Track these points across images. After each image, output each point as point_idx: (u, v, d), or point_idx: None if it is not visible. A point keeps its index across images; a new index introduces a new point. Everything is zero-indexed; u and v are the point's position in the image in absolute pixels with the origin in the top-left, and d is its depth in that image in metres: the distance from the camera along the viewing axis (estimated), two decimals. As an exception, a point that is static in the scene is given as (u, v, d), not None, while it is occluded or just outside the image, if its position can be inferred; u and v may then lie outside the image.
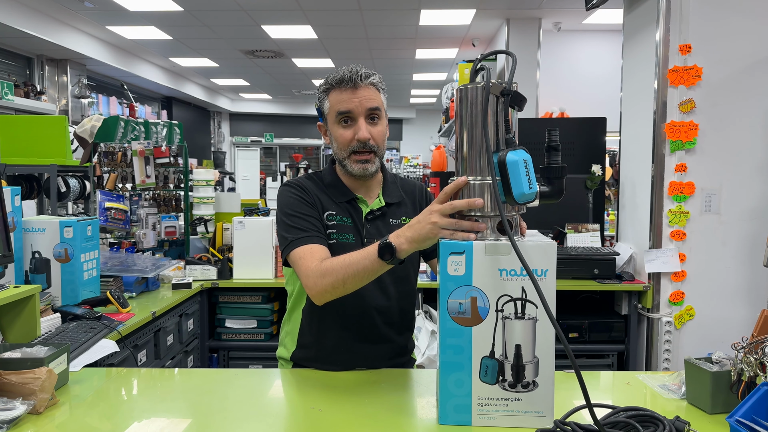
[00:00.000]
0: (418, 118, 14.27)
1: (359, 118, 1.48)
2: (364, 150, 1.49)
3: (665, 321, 2.78)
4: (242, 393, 1.40)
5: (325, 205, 1.54)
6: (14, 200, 2.04)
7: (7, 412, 1.16)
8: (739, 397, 1.19)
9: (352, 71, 1.47)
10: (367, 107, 1.48)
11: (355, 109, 1.47)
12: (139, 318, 2.21)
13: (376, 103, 1.49)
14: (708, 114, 2.73)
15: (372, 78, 1.50)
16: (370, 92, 1.49)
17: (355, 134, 1.47)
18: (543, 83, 5.96)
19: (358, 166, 1.50)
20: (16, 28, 5.72)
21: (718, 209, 2.74)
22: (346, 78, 1.47)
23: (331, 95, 1.50)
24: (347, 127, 1.49)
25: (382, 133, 1.52)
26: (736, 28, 2.70)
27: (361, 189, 1.57)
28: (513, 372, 1.13)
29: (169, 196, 3.53)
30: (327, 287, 1.33)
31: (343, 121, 1.49)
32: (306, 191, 1.53)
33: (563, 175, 1.17)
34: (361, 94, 1.47)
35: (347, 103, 1.47)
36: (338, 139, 1.51)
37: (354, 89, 1.47)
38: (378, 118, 1.51)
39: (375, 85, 1.50)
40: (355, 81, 1.47)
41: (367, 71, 1.49)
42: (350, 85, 1.47)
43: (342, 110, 1.48)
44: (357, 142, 1.48)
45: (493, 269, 1.13)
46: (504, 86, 1.15)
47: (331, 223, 1.52)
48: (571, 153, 3.40)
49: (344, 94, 1.48)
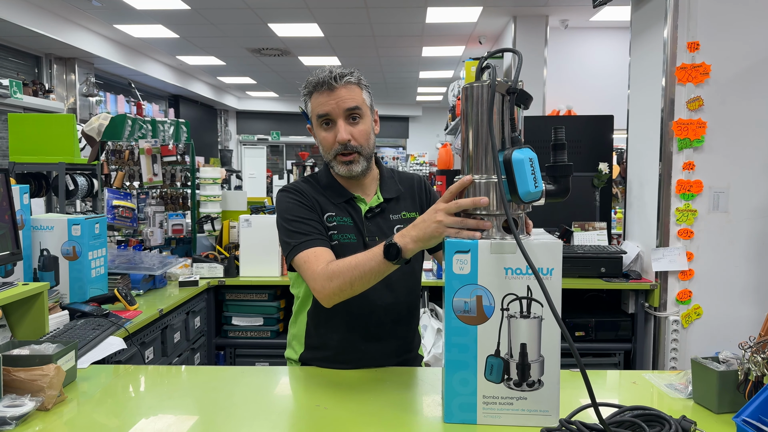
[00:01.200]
0: (425, 116, 14.25)
1: (338, 120, 1.47)
2: (346, 152, 1.48)
3: (672, 320, 2.77)
4: (248, 390, 1.40)
5: (323, 206, 1.53)
6: (23, 198, 2.05)
7: (16, 408, 1.17)
8: (746, 396, 1.18)
9: (326, 73, 1.47)
10: (344, 108, 1.46)
11: (333, 111, 1.47)
12: (147, 315, 2.22)
13: (354, 102, 1.47)
14: (716, 112, 2.71)
15: (348, 77, 1.48)
16: (349, 92, 1.47)
17: (335, 136, 1.47)
18: (550, 81, 5.94)
19: (343, 168, 1.50)
20: (25, 27, 5.76)
21: (726, 207, 2.73)
22: (321, 80, 1.46)
23: (312, 98, 1.50)
24: (328, 130, 1.49)
25: (364, 131, 1.50)
26: (744, 26, 2.68)
27: (357, 188, 1.57)
28: (518, 371, 1.13)
29: (176, 194, 3.54)
30: (335, 290, 1.33)
31: (324, 123, 1.49)
32: (304, 195, 1.53)
33: (569, 174, 1.17)
34: (338, 95, 1.46)
35: (324, 105, 1.47)
36: (322, 142, 1.52)
37: (330, 91, 1.46)
38: (359, 117, 1.49)
39: (355, 83, 1.49)
40: (329, 83, 1.46)
41: (343, 71, 1.48)
42: (325, 88, 1.46)
43: (320, 113, 1.48)
44: (339, 145, 1.48)
45: (498, 268, 1.12)
46: (510, 84, 1.14)
47: (331, 224, 1.52)
48: (578, 151, 3.39)
49: (322, 97, 1.47)
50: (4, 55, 6.52)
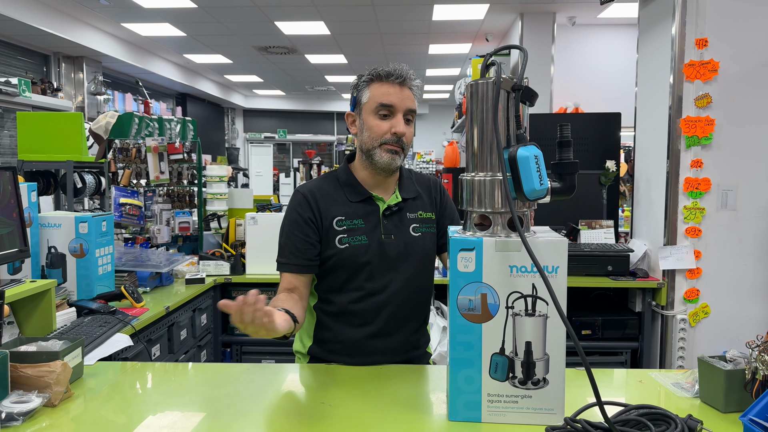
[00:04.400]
0: (431, 114, 14.23)
1: (398, 114, 1.51)
2: (396, 144, 1.52)
3: (680, 318, 2.75)
4: (254, 387, 1.41)
5: (334, 211, 1.55)
6: (31, 196, 2.07)
7: (23, 404, 1.18)
8: (753, 396, 1.17)
9: (402, 69, 1.52)
10: (408, 106, 1.53)
11: (399, 104, 1.51)
12: (153, 313, 2.23)
13: (414, 106, 1.55)
14: (725, 109, 2.69)
15: (416, 81, 1.55)
16: (412, 94, 1.55)
17: (392, 127, 1.51)
18: (557, 78, 5.91)
19: (388, 156, 1.52)
20: (34, 26, 5.80)
21: (735, 206, 2.71)
22: (396, 73, 1.51)
23: (374, 86, 1.53)
24: (385, 119, 1.52)
25: (412, 134, 1.58)
26: (753, 22, 2.65)
27: (377, 187, 1.59)
28: (523, 369, 1.13)
29: (182, 192, 3.55)
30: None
31: (381, 112, 1.52)
32: (308, 206, 1.56)
33: (575, 171, 1.17)
34: (405, 93, 1.53)
35: (392, 96, 1.51)
36: (373, 128, 1.52)
37: (401, 85, 1.52)
38: (412, 121, 1.56)
39: (415, 90, 1.56)
40: (404, 78, 1.52)
41: (413, 74, 1.54)
42: (398, 81, 1.51)
43: (385, 102, 1.51)
44: (392, 135, 1.51)
45: (503, 266, 1.12)
46: (515, 81, 1.14)
47: (341, 228, 1.54)
48: (585, 149, 3.38)
49: (391, 88, 1.51)
50: (13, 53, 6.56)
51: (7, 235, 1.71)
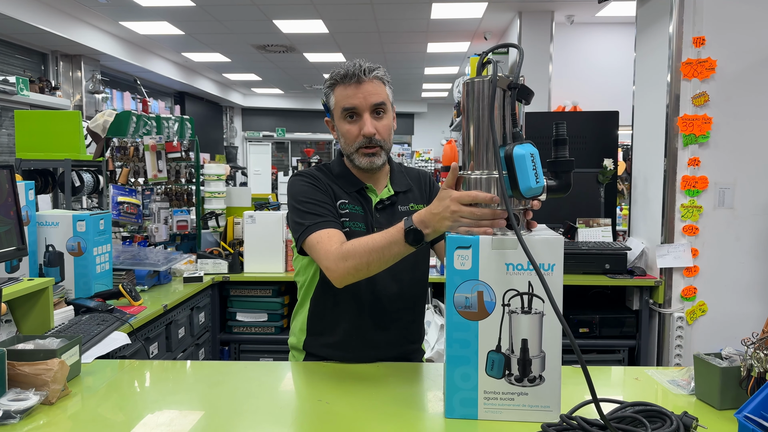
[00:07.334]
0: (430, 113, 14.22)
1: (364, 114, 1.47)
2: (370, 145, 1.49)
3: (677, 316, 2.76)
4: (252, 385, 1.41)
5: (337, 194, 1.55)
6: (28, 194, 2.07)
7: (21, 402, 1.18)
8: (748, 392, 1.18)
9: (355, 66, 1.46)
10: (371, 102, 1.47)
11: (360, 104, 1.47)
12: (151, 311, 2.23)
13: (380, 97, 1.48)
14: (722, 107, 2.69)
15: (376, 72, 1.48)
16: (375, 86, 1.48)
17: (361, 130, 1.48)
18: (555, 77, 5.91)
19: (366, 160, 1.50)
20: (31, 24, 5.78)
21: (732, 204, 2.71)
22: (350, 73, 1.46)
23: (336, 90, 1.50)
24: (353, 123, 1.49)
25: (387, 126, 1.51)
26: (750, 21, 2.66)
27: (369, 180, 1.59)
28: (519, 366, 1.13)
29: (180, 191, 3.55)
30: (350, 270, 1.33)
31: (348, 116, 1.49)
32: (318, 179, 1.54)
33: (570, 169, 1.17)
34: (365, 89, 1.46)
35: (352, 98, 1.47)
36: (345, 135, 1.51)
37: (358, 84, 1.46)
38: (383, 112, 1.50)
39: (380, 79, 1.49)
40: (358, 76, 1.46)
41: (371, 65, 1.48)
42: (354, 80, 1.46)
43: (347, 106, 1.48)
44: (363, 138, 1.48)
45: (499, 264, 1.12)
46: (511, 80, 1.14)
47: (344, 211, 1.53)
48: (583, 147, 3.38)
49: (348, 90, 1.47)
50: (11, 52, 6.55)
51: (5, 233, 1.71)
